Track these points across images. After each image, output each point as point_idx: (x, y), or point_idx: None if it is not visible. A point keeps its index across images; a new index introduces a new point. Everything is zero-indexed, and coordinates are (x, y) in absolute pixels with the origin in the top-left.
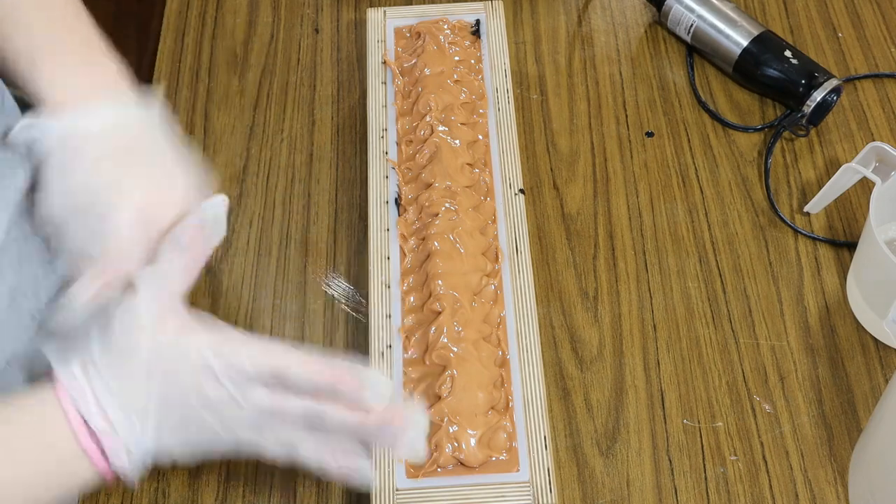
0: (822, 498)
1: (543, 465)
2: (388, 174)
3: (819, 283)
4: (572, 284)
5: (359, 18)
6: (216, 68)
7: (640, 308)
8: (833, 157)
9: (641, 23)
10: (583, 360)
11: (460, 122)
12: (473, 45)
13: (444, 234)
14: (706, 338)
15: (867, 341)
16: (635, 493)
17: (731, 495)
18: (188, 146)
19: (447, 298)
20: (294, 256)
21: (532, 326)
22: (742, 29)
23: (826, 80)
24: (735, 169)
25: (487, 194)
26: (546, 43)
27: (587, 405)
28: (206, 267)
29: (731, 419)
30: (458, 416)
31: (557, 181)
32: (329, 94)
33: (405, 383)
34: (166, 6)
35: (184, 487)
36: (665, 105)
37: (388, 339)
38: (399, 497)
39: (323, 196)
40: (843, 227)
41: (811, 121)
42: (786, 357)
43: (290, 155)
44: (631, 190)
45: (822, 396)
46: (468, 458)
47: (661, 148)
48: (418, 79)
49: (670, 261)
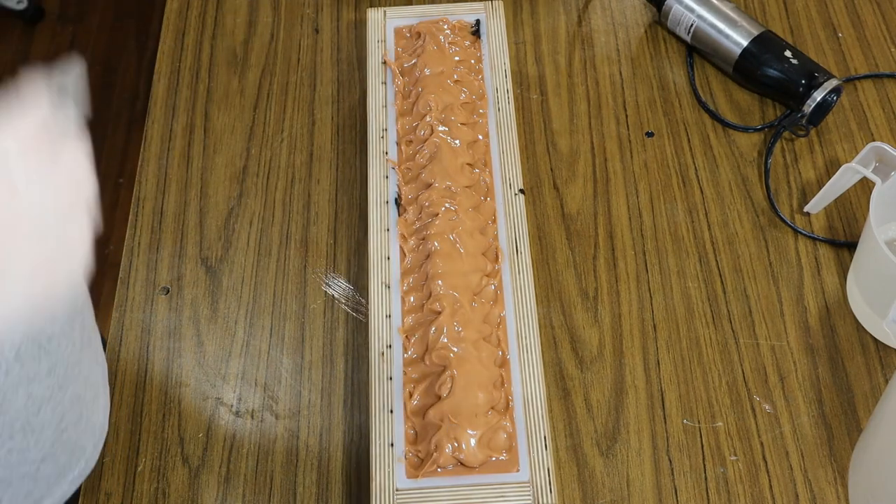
0: (822, 498)
1: (543, 465)
2: (388, 174)
3: (819, 283)
4: (572, 284)
5: (359, 18)
6: (216, 68)
7: (640, 308)
8: (833, 157)
9: (641, 23)
10: (583, 360)
11: (460, 122)
12: (473, 45)
13: (444, 234)
14: (706, 338)
15: (867, 341)
16: (635, 493)
17: (731, 495)
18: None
19: (447, 298)
20: (294, 256)
21: (532, 326)
22: (742, 29)
23: (826, 80)
24: (735, 169)
25: (487, 194)
26: (546, 43)
27: (587, 405)
28: (206, 267)
29: (731, 419)
30: (458, 416)
31: (557, 181)
32: (329, 94)
33: (405, 383)
34: (166, 6)
35: (184, 487)
36: (665, 105)
37: (388, 339)
38: (399, 497)
39: (323, 196)
40: (843, 227)
41: (811, 121)
42: (786, 357)
43: (290, 155)
44: (631, 190)
45: (822, 396)
46: (468, 458)
47: (661, 148)
48: (418, 79)
49: (670, 261)
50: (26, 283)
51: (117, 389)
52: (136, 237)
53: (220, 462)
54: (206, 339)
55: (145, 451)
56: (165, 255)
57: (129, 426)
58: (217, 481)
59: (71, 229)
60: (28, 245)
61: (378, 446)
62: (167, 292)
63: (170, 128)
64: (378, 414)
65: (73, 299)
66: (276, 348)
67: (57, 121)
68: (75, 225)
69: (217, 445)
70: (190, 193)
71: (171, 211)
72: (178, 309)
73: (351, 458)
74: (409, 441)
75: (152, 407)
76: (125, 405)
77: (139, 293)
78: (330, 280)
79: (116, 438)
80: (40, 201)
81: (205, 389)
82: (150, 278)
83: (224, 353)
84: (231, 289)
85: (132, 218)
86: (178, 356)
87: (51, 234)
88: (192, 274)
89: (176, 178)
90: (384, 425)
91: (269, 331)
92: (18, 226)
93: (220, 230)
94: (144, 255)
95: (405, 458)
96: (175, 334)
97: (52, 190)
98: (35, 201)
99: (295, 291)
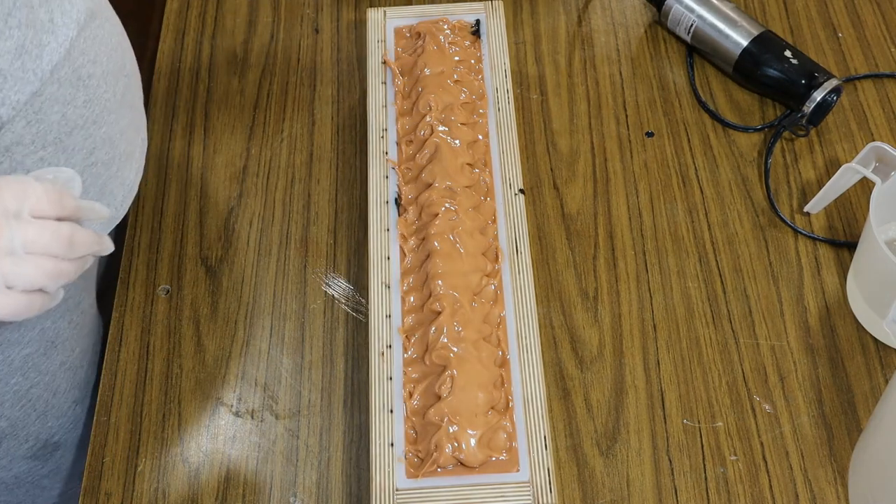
0: (822, 498)
1: (543, 465)
2: (388, 174)
3: (819, 283)
4: (572, 284)
5: (359, 18)
6: (216, 68)
7: (640, 308)
8: (833, 157)
9: (641, 23)
10: (583, 360)
11: (460, 122)
12: (473, 45)
13: (444, 234)
14: (706, 338)
15: (867, 341)
16: (635, 493)
17: (731, 495)
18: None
19: (447, 298)
20: (294, 256)
21: (532, 326)
22: (742, 29)
23: (826, 80)
24: (735, 169)
25: (487, 194)
26: (546, 43)
27: (587, 405)
28: (206, 267)
29: (731, 419)
30: (458, 416)
31: (557, 181)
32: (329, 94)
33: (405, 383)
34: (166, 6)
35: (184, 487)
36: (665, 105)
37: (388, 339)
38: (399, 497)
39: (323, 196)
40: (843, 227)
41: (811, 121)
42: (786, 357)
43: (290, 155)
44: (631, 190)
45: (822, 396)
46: (468, 458)
47: (661, 148)
48: (418, 79)
49: (670, 261)
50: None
51: (117, 389)
52: (136, 237)
53: (220, 462)
54: (206, 339)
55: (145, 451)
56: (165, 255)
57: (129, 426)
58: (217, 481)
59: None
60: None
61: (378, 446)
62: (167, 292)
63: (170, 128)
64: (378, 414)
65: (120, 60)
66: (276, 348)
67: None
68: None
69: (217, 445)
70: (190, 193)
71: (171, 211)
72: (178, 309)
73: (351, 458)
74: (409, 441)
75: (152, 407)
76: (125, 405)
77: (139, 293)
78: (330, 280)
79: (116, 438)
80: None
81: (205, 389)
82: (150, 278)
83: (224, 353)
84: (231, 289)
85: (132, 218)
86: (178, 356)
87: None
88: (192, 274)
89: (176, 178)
90: (384, 425)
91: (269, 331)
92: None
93: (220, 230)
94: (144, 255)
95: (405, 458)
96: (175, 334)
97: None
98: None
99: (295, 291)
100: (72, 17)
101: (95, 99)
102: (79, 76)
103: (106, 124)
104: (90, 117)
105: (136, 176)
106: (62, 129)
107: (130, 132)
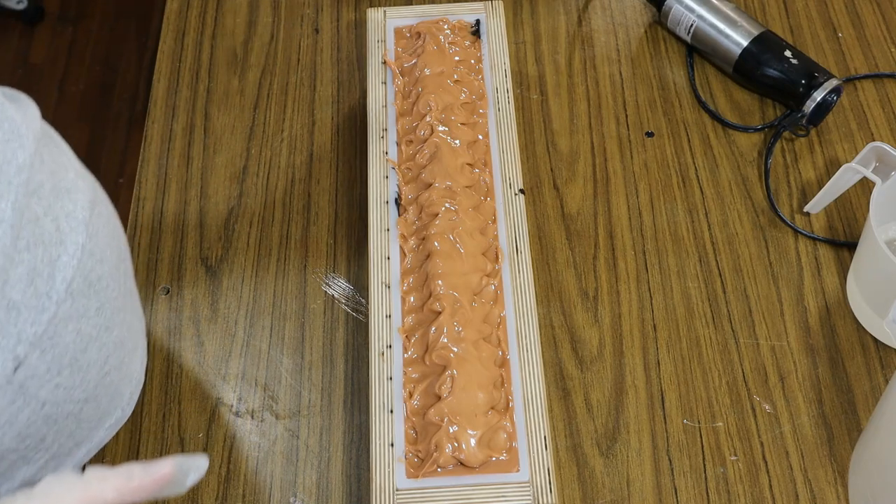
0: (822, 498)
1: (543, 465)
2: (388, 174)
3: (819, 283)
4: (572, 284)
5: (359, 18)
6: (216, 68)
7: (640, 308)
8: (833, 157)
9: (641, 23)
10: (583, 360)
11: (460, 122)
12: (473, 45)
13: (444, 234)
14: (706, 338)
15: (867, 341)
16: (635, 493)
17: (731, 495)
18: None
19: (447, 298)
20: (294, 256)
21: (532, 326)
22: (742, 29)
23: (826, 80)
24: (735, 169)
25: (487, 194)
26: (546, 43)
27: (587, 405)
28: (206, 267)
29: (731, 419)
30: (458, 416)
31: (557, 181)
32: (329, 94)
33: (405, 383)
34: (166, 6)
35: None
36: (665, 105)
37: (388, 339)
38: (399, 497)
39: (323, 196)
40: (843, 227)
41: (811, 121)
42: (786, 357)
43: (290, 155)
44: (631, 190)
45: (822, 396)
46: (468, 458)
47: (661, 148)
48: (418, 79)
49: (670, 261)
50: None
51: None
52: (136, 237)
53: (220, 462)
54: (206, 339)
55: (145, 451)
56: (165, 255)
57: (129, 426)
58: (217, 481)
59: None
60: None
61: (378, 446)
62: (167, 292)
63: (170, 128)
64: (378, 414)
65: (118, 246)
66: (276, 348)
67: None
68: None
69: (217, 445)
70: (190, 193)
71: (171, 211)
72: (178, 309)
73: (351, 458)
74: (409, 441)
75: (152, 407)
76: None
77: (139, 293)
78: (330, 280)
79: (116, 438)
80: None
81: (205, 389)
82: (150, 278)
83: (224, 353)
84: (231, 289)
85: (132, 218)
86: (178, 356)
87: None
88: (192, 274)
89: (176, 178)
90: (384, 425)
91: (269, 331)
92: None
93: (220, 230)
94: (144, 255)
95: (405, 458)
96: (175, 334)
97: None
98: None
99: (295, 291)
100: (77, 217)
101: (106, 303)
102: (89, 283)
103: (116, 327)
104: (103, 325)
105: (142, 366)
106: (77, 347)
107: (135, 323)
